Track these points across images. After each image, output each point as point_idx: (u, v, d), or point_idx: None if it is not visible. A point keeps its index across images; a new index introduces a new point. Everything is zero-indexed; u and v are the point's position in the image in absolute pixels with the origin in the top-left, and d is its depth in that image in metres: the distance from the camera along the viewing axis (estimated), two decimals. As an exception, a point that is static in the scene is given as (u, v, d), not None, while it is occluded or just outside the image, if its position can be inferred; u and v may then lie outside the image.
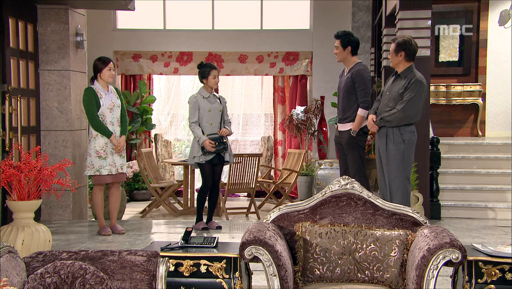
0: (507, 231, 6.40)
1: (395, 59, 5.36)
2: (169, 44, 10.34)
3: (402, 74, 5.35)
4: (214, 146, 5.98)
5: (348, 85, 5.80)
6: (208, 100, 6.11)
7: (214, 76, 6.09)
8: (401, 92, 5.28)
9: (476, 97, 9.60)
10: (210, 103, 6.11)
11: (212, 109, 6.09)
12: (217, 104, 6.17)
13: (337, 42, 5.82)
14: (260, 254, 3.13)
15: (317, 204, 3.57)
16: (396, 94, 5.32)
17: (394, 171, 5.33)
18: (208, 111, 6.07)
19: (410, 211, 3.49)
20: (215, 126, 6.10)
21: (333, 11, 10.14)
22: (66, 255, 2.50)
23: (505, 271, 3.23)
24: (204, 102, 6.09)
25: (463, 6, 9.78)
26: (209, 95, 6.14)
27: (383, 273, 3.31)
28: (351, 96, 5.79)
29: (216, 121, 6.11)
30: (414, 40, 5.41)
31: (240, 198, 10.02)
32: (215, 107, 6.13)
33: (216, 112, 6.13)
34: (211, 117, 6.10)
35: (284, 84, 10.58)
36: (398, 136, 5.30)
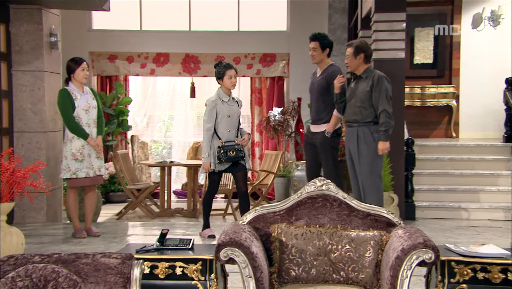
0: (480, 231, 6.50)
1: (354, 62, 5.46)
2: (145, 45, 10.28)
3: (363, 75, 5.47)
4: (232, 156, 5.54)
5: (322, 86, 5.84)
6: (228, 104, 5.61)
7: (230, 77, 5.60)
8: (368, 90, 5.38)
9: (450, 99, 9.74)
10: (230, 108, 5.62)
11: (231, 114, 5.61)
12: (236, 108, 5.69)
13: (315, 44, 5.84)
14: (235, 255, 3.13)
15: (293, 205, 3.58)
16: (363, 94, 5.41)
17: (367, 170, 5.41)
18: (228, 117, 5.59)
19: (385, 212, 3.52)
20: (232, 134, 5.65)
21: (309, 13, 10.19)
22: (39, 258, 2.47)
23: (476, 270, 3.27)
24: (224, 107, 5.59)
25: (437, 9, 9.93)
26: (228, 98, 5.63)
27: (358, 274, 3.33)
28: (325, 97, 5.83)
29: (234, 127, 5.66)
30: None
31: (218, 200, 10.00)
32: (234, 112, 5.64)
33: (235, 118, 5.66)
34: (230, 124, 5.63)
35: (261, 86, 10.60)
36: (368, 136, 5.39)
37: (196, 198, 8.23)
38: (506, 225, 6.67)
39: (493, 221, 7.15)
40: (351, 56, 5.46)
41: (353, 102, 5.48)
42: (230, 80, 5.59)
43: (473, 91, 9.75)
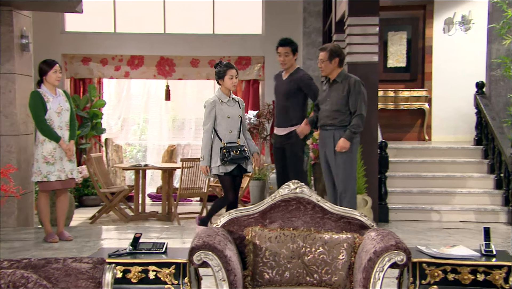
0: (451, 232, 6.59)
1: (329, 66, 5.50)
2: (119, 47, 10.21)
3: (338, 79, 5.51)
4: (236, 156, 5.40)
5: (290, 90, 5.87)
6: (228, 104, 5.49)
7: (231, 77, 5.44)
8: (344, 95, 5.42)
9: (422, 102, 9.87)
10: (230, 108, 5.49)
11: (232, 115, 5.47)
12: (237, 109, 5.55)
13: (288, 49, 5.88)
14: (209, 259, 3.12)
15: (266, 208, 3.58)
16: (339, 98, 5.44)
17: (343, 172, 5.46)
18: (228, 118, 5.46)
19: (358, 214, 3.55)
20: (234, 135, 5.49)
21: (284, 16, 10.24)
22: (7, 263, 2.43)
23: (447, 271, 3.32)
24: (223, 107, 5.46)
25: (409, 13, 10.06)
26: (228, 98, 5.50)
27: (331, 276, 3.35)
28: (292, 100, 5.86)
29: (235, 128, 5.50)
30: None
31: (193, 203, 9.97)
32: (234, 112, 5.51)
33: (236, 119, 5.51)
34: (231, 125, 5.48)
35: (236, 89, 10.58)
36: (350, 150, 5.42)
37: (171, 201, 8.19)
38: (477, 226, 6.78)
39: (465, 222, 7.26)
40: (326, 60, 5.49)
41: (327, 106, 5.52)
42: (231, 80, 5.44)
43: (445, 95, 9.90)
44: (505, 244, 5.91)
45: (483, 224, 6.64)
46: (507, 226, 7.09)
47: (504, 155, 7.50)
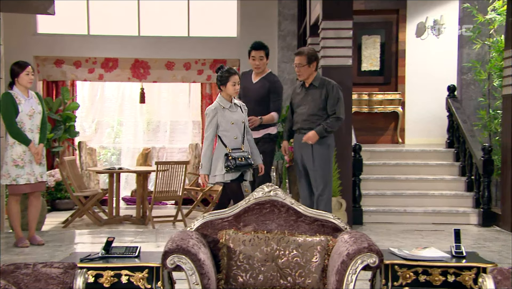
0: (424, 234, 6.67)
1: (308, 70, 5.52)
2: (93, 50, 10.11)
3: (315, 83, 5.53)
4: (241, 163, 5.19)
5: (262, 93, 5.87)
6: (230, 110, 5.26)
7: (234, 83, 5.23)
8: (323, 99, 5.45)
9: (396, 105, 9.98)
10: (233, 114, 5.27)
11: (235, 121, 5.26)
12: (240, 114, 5.32)
13: (262, 53, 5.90)
14: (182, 262, 3.12)
15: (240, 211, 3.59)
16: (317, 102, 5.47)
17: (322, 175, 5.50)
18: (232, 124, 5.24)
19: (331, 217, 3.57)
20: (239, 141, 5.27)
21: (259, 19, 10.26)
22: (-24, 269, 2.39)
23: (418, 273, 3.36)
24: (225, 113, 5.24)
25: (383, 17, 10.18)
26: (230, 104, 5.27)
27: (304, 279, 3.36)
28: (264, 103, 5.87)
29: (240, 134, 5.29)
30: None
31: (168, 206, 9.91)
32: (238, 118, 5.29)
33: (239, 124, 5.29)
34: (235, 131, 5.26)
35: (212, 92, 10.59)
36: (322, 142, 5.47)
37: (145, 204, 8.13)
38: (448, 228, 6.87)
39: (437, 224, 7.36)
40: (305, 65, 5.49)
41: (304, 110, 5.54)
42: (233, 87, 5.23)
43: (417, 98, 10.03)
44: (476, 246, 6.01)
45: (454, 226, 6.73)
46: (478, 228, 7.21)
47: (475, 158, 7.63)
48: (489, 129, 8.52)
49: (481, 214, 7.35)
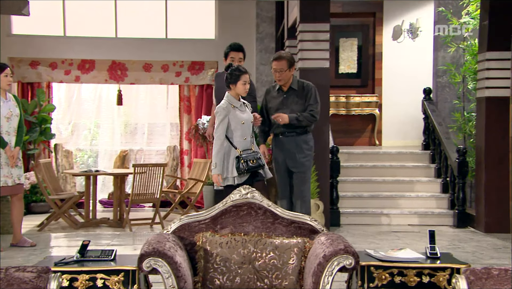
0: (400, 236, 6.74)
1: (288, 75, 5.52)
2: (69, 51, 10.01)
3: (294, 86, 5.53)
4: (252, 166, 4.99)
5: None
6: (240, 109, 5.07)
7: (244, 82, 5.04)
8: (304, 101, 5.47)
9: (373, 108, 10.06)
10: (243, 114, 5.08)
11: (245, 121, 5.06)
12: (248, 114, 5.14)
13: (241, 55, 5.84)
14: (159, 265, 3.10)
15: (218, 213, 3.58)
16: (299, 105, 5.48)
17: (305, 177, 5.51)
18: (242, 124, 5.03)
19: (308, 219, 3.59)
20: (248, 141, 5.08)
21: (238, 22, 10.27)
22: None
23: (394, 274, 3.39)
24: (236, 113, 5.04)
25: (360, 20, 10.27)
26: (239, 103, 5.08)
27: (281, 281, 3.37)
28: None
29: (249, 134, 5.10)
30: None
31: (145, 209, 9.85)
32: (247, 118, 5.10)
33: (248, 124, 5.10)
34: (245, 131, 5.06)
35: (189, 94, 10.56)
36: (306, 144, 5.49)
37: (122, 207, 8.07)
38: (424, 229, 6.95)
39: (413, 226, 7.44)
40: (287, 69, 5.46)
41: (286, 114, 5.49)
42: (244, 86, 5.03)
43: (394, 101, 10.13)
44: (450, 246, 6.09)
45: (430, 227, 6.82)
46: (453, 229, 7.30)
47: (450, 160, 7.73)
48: (464, 132, 8.64)
49: (456, 215, 7.45)
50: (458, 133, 8.67)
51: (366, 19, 10.23)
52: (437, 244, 3.64)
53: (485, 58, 7.04)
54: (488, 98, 7.05)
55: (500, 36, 6.71)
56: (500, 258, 5.63)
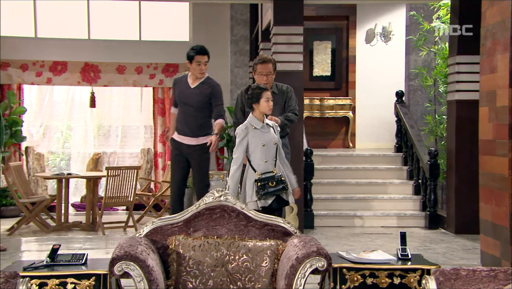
0: (373, 237, 6.80)
1: (273, 78, 5.43)
2: (41, 53, 9.87)
3: (274, 90, 5.44)
4: (272, 188, 4.71)
5: (203, 98, 5.60)
6: (261, 131, 4.78)
7: (267, 99, 4.72)
8: (283, 104, 5.44)
9: (347, 110, 10.14)
10: (264, 135, 4.78)
11: (266, 142, 4.76)
12: (271, 135, 4.81)
13: (207, 58, 5.65)
14: (130, 269, 3.08)
15: (190, 216, 3.57)
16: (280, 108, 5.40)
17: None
18: (262, 146, 4.75)
19: (281, 222, 3.60)
20: (270, 164, 4.77)
21: (212, 24, 10.26)
22: None
23: (366, 276, 3.43)
24: (256, 134, 4.76)
25: (333, 24, 10.34)
26: (261, 124, 4.77)
27: (254, 284, 3.37)
28: (207, 110, 5.62)
29: (271, 157, 4.79)
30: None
31: (119, 212, 9.76)
32: (269, 139, 4.78)
33: (271, 146, 4.78)
34: (266, 154, 4.76)
35: (164, 96, 10.50)
36: (286, 148, 5.46)
37: (95, 210, 7.99)
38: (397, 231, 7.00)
39: (385, 227, 7.51)
40: (273, 72, 5.36)
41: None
42: (267, 103, 4.73)
43: (367, 103, 10.22)
44: (422, 248, 6.17)
45: (402, 229, 6.90)
46: (424, 230, 7.40)
47: (422, 162, 7.83)
48: (435, 134, 8.76)
49: (427, 217, 7.54)
50: (429, 136, 8.79)
51: (339, 23, 10.31)
52: (408, 246, 3.69)
53: (455, 62, 7.16)
54: (458, 101, 7.16)
55: (469, 40, 6.82)
56: (469, 258, 5.73)
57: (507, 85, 4.39)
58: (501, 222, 4.46)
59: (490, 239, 4.69)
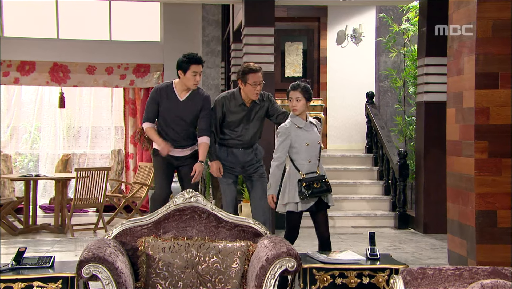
0: (344, 238, 6.85)
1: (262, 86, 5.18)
2: (8, 52, 9.68)
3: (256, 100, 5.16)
4: (317, 189, 4.51)
5: (194, 111, 5.07)
6: (305, 129, 4.58)
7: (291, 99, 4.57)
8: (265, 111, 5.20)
9: (318, 111, 10.18)
10: (308, 134, 4.58)
11: (310, 142, 4.55)
12: (315, 134, 4.62)
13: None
14: (98, 272, 3.06)
15: (160, 218, 3.56)
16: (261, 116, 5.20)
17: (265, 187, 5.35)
18: (306, 145, 4.54)
19: (252, 223, 3.61)
20: (314, 164, 4.57)
21: (183, 24, 10.21)
22: None
23: (335, 276, 3.45)
24: (299, 133, 4.56)
25: (305, 25, 10.39)
26: (304, 123, 4.58)
27: (224, 285, 3.37)
28: (195, 123, 5.15)
29: (315, 157, 4.59)
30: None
31: (89, 214, 9.65)
32: (313, 138, 4.58)
33: (314, 146, 4.59)
34: (310, 153, 4.56)
35: (135, 97, 10.42)
36: (260, 153, 5.40)
37: (64, 212, 7.88)
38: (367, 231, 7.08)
39: (356, 228, 7.57)
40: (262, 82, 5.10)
41: (251, 128, 5.17)
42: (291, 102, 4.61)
43: (338, 104, 10.29)
44: (391, 248, 6.25)
45: (372, 229, 6.97)
46: (394, 230, 7.48)
47: (391, 162, 7.91)
48: (405, 135, 8.87)
49: (397, 217, 7.63)
50: (399, 136, 8.89)
51: (311, 24, 10.36)
52: (378, 245, 3.73)
53: (424, 63, 7.26)
54: (427, 102, 7.27)
55: (437, 42, 6.92)
56: (437, 257, 5.81)
57: (473, 87, 4.47)
58: (467, 222, 4.54)
59: (457, 238, 4.77)
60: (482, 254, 4.38)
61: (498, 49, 4.43)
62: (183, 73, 4.94)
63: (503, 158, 4.43)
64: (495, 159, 4.43)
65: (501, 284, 2.55)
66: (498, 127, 4.44)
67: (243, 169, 5.27)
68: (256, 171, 5.26)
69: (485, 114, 4.44)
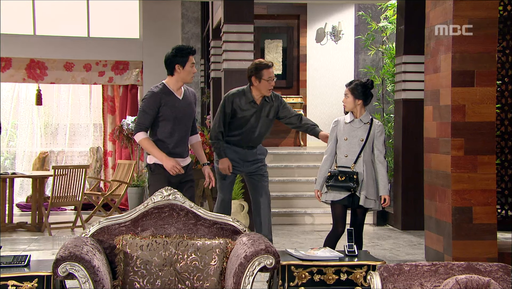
0: (323, 235, 6.86)
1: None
2: (-17, 48, 9.55)
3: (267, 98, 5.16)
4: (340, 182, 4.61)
5: (191, 110, 4.65)
6: (351, 125, 4.67)
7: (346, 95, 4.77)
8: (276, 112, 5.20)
9: (298, 109, 10.21)
10: (352, 130, 4.66)
11: (350, 137, 4.65)
12: (362, 131, 4.66)
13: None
14: (75, 270, 3.04)
15: (138, 216, 3.54)
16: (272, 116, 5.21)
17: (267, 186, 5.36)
18: (345, 140, 4.66)
19: (231, 220, 3.61)
20: (350, 160, 4.63)
21: (163, 21, 10.16)
22: None
23: (313, 273, 3.47)
24: (344, 128, 4.68)
25: (284, 22, 10.41)
26: (352, 119, 4.69)
27: (203, 283, 3.36)
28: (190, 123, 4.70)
29: (353, 153, 4.64)
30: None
31: (67, 212, 9.56)
32: (355, 134, 4.65)
33: (355, 142, 4.64)
34: (348, 148, 4.65)
35: (114, 94, 10.35)
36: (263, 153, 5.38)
37: (41, 210, 7.79)
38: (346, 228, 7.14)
39: (335, 224, 7.61)
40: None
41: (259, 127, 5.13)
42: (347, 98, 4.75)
43: (318, 102, 10.34)
44: (370, 244, 6.29)
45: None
46: (373, 227, 7.54)
47: (370, 159, 7.96)
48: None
49: (376, 214, 7.69)
50: (378, 134, 8.94)
51: (290, 21, 10.39)
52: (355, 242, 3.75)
53: (402, 61, 7.31)
54: (404, 100, 7.33)
55: (415, 40, 6.98)
56: (415, 254, 5.87)
57: (450, 84, 4.52)
58: (444, 218, 4.59)
59: (433, 235, 4.83)
60: (458, 249, 4.44)
61: (474, 48, 4.49)
62: (182, 67, 4.42)
63: (479, 155, 4.50)
64: (471, 156, 4.49)
65: (475, 279, 2.59)
66: (474, 124, 4.50)
67: (246, 168, 5.27)
68: (258, 171, 5.28)
69: (461, 112, 4.49)
